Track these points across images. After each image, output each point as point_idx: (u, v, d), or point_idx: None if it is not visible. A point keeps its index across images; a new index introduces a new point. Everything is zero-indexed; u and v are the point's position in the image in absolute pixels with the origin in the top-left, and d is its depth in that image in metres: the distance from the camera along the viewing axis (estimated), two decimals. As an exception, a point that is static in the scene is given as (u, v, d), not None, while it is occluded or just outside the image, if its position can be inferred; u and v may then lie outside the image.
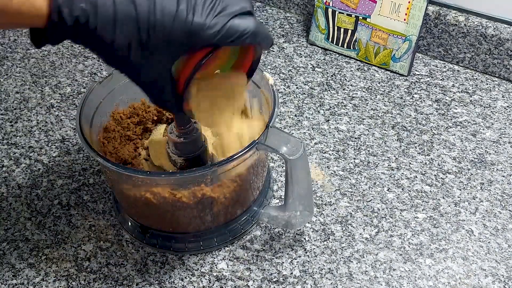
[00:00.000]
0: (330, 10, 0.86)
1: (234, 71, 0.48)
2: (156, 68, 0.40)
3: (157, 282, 0.56)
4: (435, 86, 0.81)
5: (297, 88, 0.81)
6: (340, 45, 0.87)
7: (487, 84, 0.81)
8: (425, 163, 0.68)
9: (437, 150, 0.70)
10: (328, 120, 0.75)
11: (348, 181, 0.66)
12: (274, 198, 0.64)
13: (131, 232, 0.60)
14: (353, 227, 0.61)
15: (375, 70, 0.84)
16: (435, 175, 0.67)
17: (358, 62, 0.86)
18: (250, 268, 0.57)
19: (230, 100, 0.50)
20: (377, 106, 0.77)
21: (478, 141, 0.71)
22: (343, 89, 0.80)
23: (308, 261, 0.57)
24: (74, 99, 0.79)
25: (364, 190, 0.65)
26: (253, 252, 0.58)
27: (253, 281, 0.56)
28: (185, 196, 0.52)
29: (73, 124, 0.75)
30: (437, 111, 0.76)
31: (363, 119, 0.75)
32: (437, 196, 0.64)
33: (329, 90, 0.80)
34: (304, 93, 0.79)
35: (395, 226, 0.61)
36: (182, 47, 0.38)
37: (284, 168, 0.67)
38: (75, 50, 0.89)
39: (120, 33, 0.37)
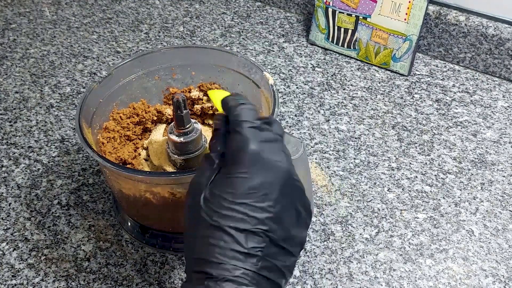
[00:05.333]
0: (330, 10, 0.85)
1: None
2: None
3: (156, 282, 0.56)
4: (435, 86, 0.80)
5: (297, 88, 0.80)
6: (340, 44, 0.87)
7: (487, 84, 0.81)
8: (426, 163, 0.68)
9: (437, 150, 0.70)
10: (328, 120, 0.75)
11: (348, 181, 0.66)
12: (274, 198, 0.64)
13: (130, 232, 0.60)
14: (353, 227, 0.61)
15: (375, 70, 0.84)
16: (435, 175, 0.66)
17: (358, 62, 0.86)
18: (250, 269, 0.57)
19: None
20: (378, 106, 0.77)
21: (479, 141, 0.71)
22: (343, 89, 0.80)
23: (308, 261, 0.57)
24: (73, 99, 0.79)
25: (364, 190, 0.65)
26: (253, 252, 0.58)
27: (253, 281, 0.56)
28: (185, 196, 0.52)
29: (73, 124, 0.75)
30: (437, 111, 0.76)
31: (363, 119, 0.75)
32: (437, 196, 0.64)
33: (329, 90, 0.80)
34: (304, 93, 0.79)
35: (395, 226, 0.61)
36: None
37: (284, 168, 0.67)
38: (74, 50, 0.89)
39: None
